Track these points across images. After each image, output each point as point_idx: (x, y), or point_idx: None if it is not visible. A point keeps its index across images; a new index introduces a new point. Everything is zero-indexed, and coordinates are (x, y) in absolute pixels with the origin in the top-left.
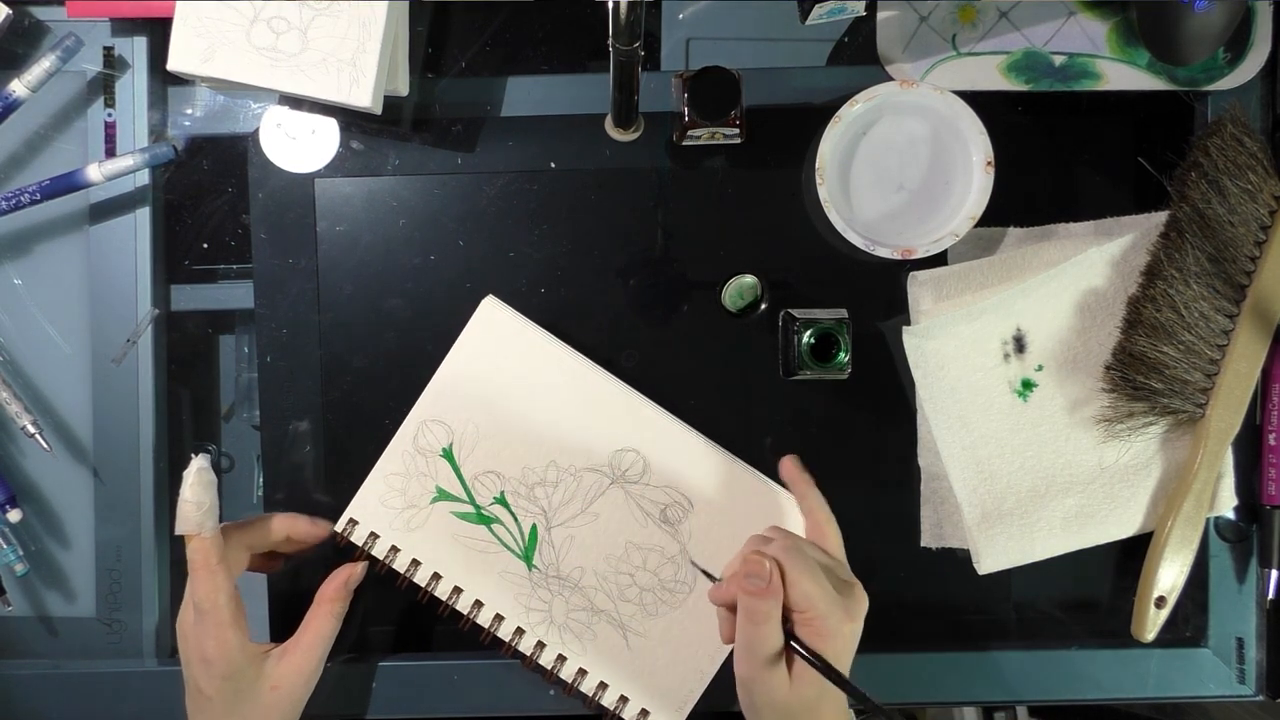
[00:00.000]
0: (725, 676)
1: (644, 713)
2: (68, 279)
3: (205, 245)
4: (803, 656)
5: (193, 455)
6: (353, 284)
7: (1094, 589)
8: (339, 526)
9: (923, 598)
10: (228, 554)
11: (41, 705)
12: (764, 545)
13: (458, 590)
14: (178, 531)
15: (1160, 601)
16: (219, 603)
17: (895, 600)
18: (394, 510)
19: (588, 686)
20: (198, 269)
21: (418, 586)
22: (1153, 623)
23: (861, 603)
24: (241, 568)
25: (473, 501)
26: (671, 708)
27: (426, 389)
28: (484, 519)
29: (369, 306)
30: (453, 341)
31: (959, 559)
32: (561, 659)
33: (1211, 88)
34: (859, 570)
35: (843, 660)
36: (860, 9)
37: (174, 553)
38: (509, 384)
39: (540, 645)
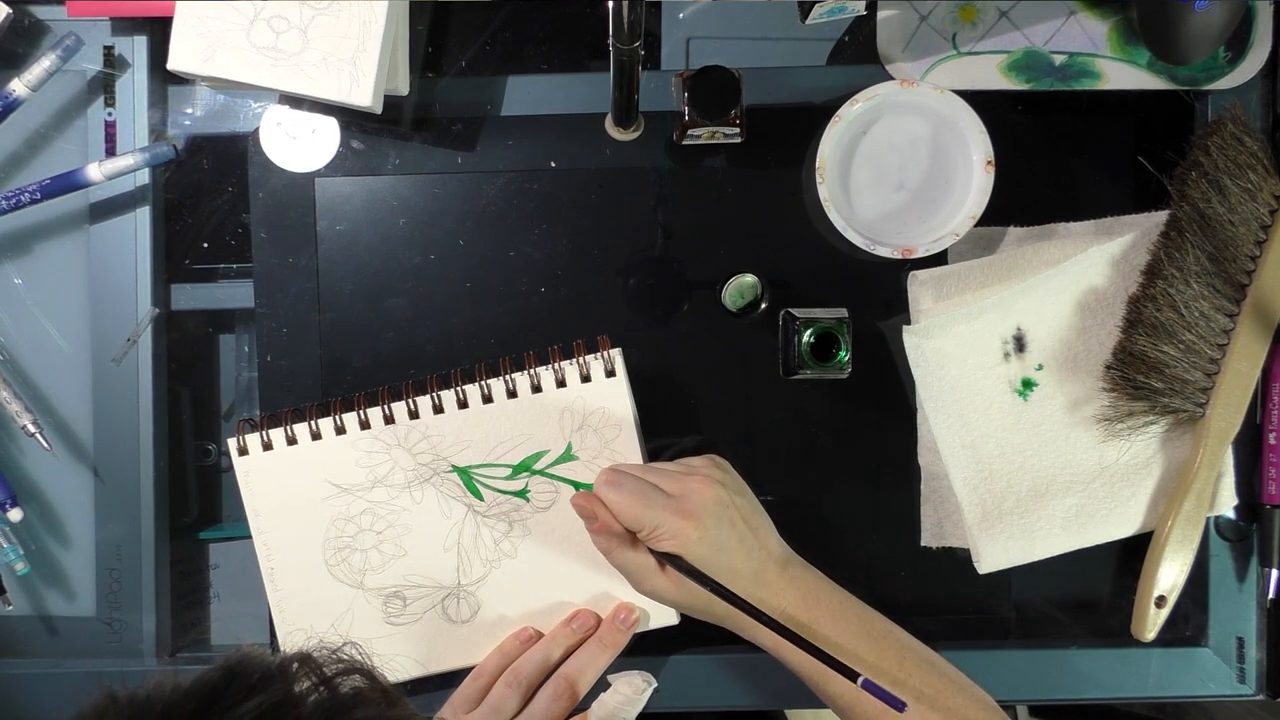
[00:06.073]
0: (726, 677)
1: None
2: (68, 279)
3: (205, 245)
4: (661, 559)
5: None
6: (353, 283)
7: (1094, 589)
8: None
9: (923, 597)
10: None
11: (41, 705)
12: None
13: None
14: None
15: (1160, 601)
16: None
17: (895, 600)
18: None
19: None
20: (198, 268)
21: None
22: (1153, 622)
23: (698, 497)
24: None
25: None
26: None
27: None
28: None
29: (369, 306)
30: (452, 340)
31: (959, 558)
32: None
33: (1211, 87)
34: (859, 571)
35: (704, 555)
36: (860, 8)
37: (174, 552)
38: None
39: None
